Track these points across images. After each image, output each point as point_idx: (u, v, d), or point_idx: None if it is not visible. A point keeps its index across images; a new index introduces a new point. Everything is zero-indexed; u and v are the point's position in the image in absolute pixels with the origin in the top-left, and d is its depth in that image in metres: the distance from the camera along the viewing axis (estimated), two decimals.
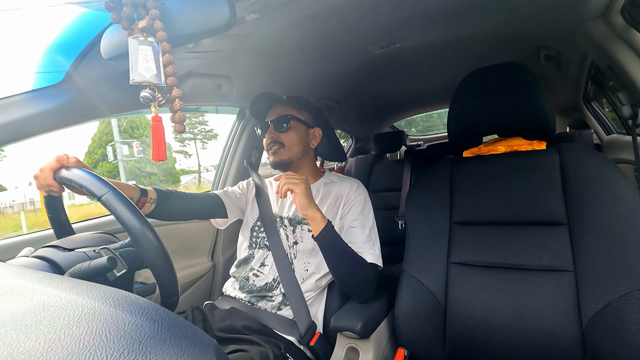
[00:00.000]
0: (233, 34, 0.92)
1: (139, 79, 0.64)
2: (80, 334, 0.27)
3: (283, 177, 0.92)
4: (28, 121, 0.85)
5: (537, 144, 1.01)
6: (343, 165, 2.71)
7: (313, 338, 0.96)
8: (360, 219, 1.03)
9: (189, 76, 1.13)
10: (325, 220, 0.91)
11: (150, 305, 0.31)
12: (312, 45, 1.18)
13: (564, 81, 1.77)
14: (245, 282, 1.06)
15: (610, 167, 0.84)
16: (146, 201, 0.91)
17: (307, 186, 0.91)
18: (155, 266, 0.60)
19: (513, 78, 0.98)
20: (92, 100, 0.94)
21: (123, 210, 0.59)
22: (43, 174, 0.70)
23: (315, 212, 0.90)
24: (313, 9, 0.92)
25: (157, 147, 0.69)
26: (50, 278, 0.38)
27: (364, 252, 0.97)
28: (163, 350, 0.26)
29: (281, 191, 0.90)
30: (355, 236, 1.00)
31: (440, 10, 1.06)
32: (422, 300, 0.96)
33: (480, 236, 0.95)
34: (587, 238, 0.82)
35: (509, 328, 0.85)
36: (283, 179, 0.91)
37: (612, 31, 0.99)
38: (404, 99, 2.38)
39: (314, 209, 0.90)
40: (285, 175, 0.92)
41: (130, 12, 0.63)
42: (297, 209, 0.93)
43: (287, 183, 0.89)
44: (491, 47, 1.44)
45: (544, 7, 1.07)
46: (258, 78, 1.34)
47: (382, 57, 1.40)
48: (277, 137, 1.06)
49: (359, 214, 1.03)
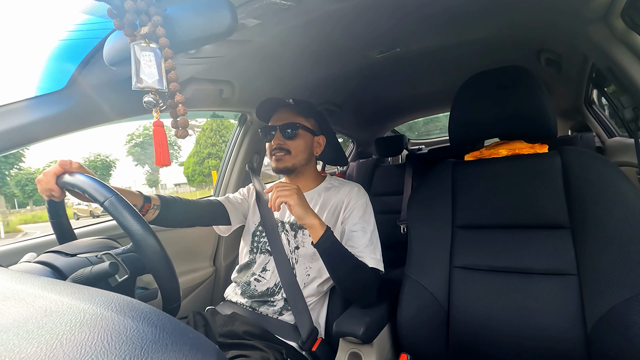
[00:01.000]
0: (234, 39, 0.93)
1: (142, 85, 0.65)
2: (82, 340, 0.27)
3: (275, 189, 0.89)
4: (32, 127, 0.85)
5: (538, 147, 1.01)
6: (344, 170, 2.71)
7: (315, 343, 0.96)
8: (362, 223, 1.02)
9: (190, 82, 1.13)
10: (324, 226, 0.89)
11: (152, 311, 0.31)
12: (313, 50, 1.19)
13: (565, 84, 1.77)
14: (247, 287, 1.06)
15: (612, 170, 0.84)
16: (150, 208, 0.91)
17: (299, 195, 0.89)
18: (157, 272, 0.60)
19: (514, 81, 0.98)
20: (96, 106, 0.95)
21: (125, 216, 0.59)
22: (46, 178, 0.71)
23: (313, 219, 0.89)
24: (314, 14, 0.92)
25: (160, 152, 0.70)
26: (52, 283, 0.38)
27: (365, 256, 0.96)
28: (165, 355, 0.26)
29: (274, 205, 0.87)
30: (356, 240, 0.99)
31: (440, 15, 1.07)
32: (424, 304, 0.96)
33: (483, 240, 0.95)
34: (590, 241, 0.81)
35: (513, 332, 0.84)
36: (275, 192, 0.88)
37: (613, 34, 0.99)
38: (405, 103, 2.39)
39: (312, 217, 0.89)
40: (277, 187, 0.89)
41: (133, 19, 0.64)
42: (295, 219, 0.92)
43: (279, 196, 0.87)
44: (492, 51, 1.44)
45: (544, 10, 1.07)
46: (259, 83, 1.35)
47: (383, 61, 1.40)
48: (283, 144, 1.06)
49: (359, 218, 1.03)
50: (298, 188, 0.91)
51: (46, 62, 0.86)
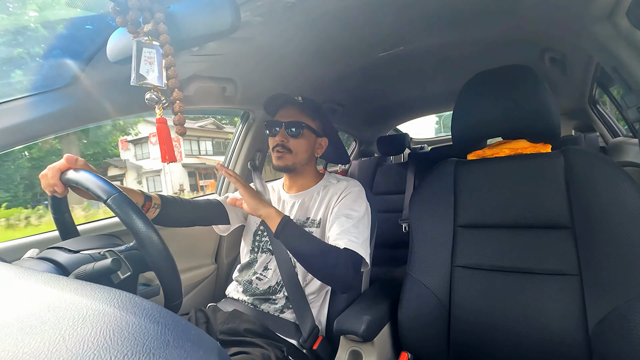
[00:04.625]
0: (237, 37, 0.92)
1: (140, 81, 0.65)
2: (85, 336, 0.27)
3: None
4: (35, 124, 0.86)
5: (541, 146, 1.00)
6: (347, 168, 2.71)
7: (316, 342, 0.96)
8: (348, 210, 1.00)
9: (193, 79, 1.13)
10: (281, 214, 0.91)
11: (154, 307, 0.31)
12: (316, 48, 1.19)
13: (569, 84, 1.76)
14: (249, 285, 1.06)
15: (616, 170, 0.83)
16: (150, 206, 0.91)
17: (247, 188, 0.95)
18: (160, 269, 0.60)
19: (517, 80, 0.97)
20: (99, 103, 0.95)
21: (128, 213, 0.59)
22: (50, 173, 0.71)
23: (268, 207, 0.92)
24: (317, 12, 0.92)
25: (164, 148, 0.70)
26: (55, 279, 0.39)
27: (340, 239, 0.93)
28: (167, 352, 0.26)
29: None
30: (336, 226, 0.96)
31: (444, 14, 1.06)
32: (426, 303, 0.96)
33: (485, 239, 0.95)
34: (592, 242, 0.81)
35: (514, 332, 0.84)
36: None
37: (618, 33, 0.98)
38: (407, 101, 2.38)
39: (266, 206, 0.92)
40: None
41: (136, 16, 0.64)
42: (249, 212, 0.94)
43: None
44: (495, 50, 1.43)
45: (548, 9, 1.07)
46: (262, 81, 1.35)
47: (386, 60, 1.40)
48: (286, 142, 1.05)
49: (347, 206, 1.01)
50: (246, 184, 0.96)
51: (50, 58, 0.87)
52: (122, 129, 11.24)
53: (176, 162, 0.71)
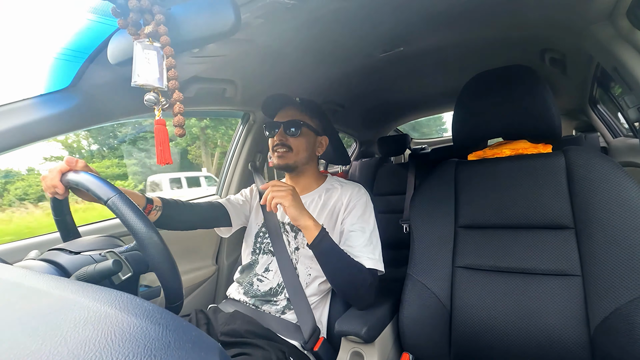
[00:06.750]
0: (238, 38, 0.93)
1: (141, 82, 0.65)
2: (86, 337, 0.27)
3: (270, 188, 0.89)
4: (36, 125, 0.86)
5: (542, 147, 1.00)
6: (347, 169, 2.71)
7: (317, 343, 0.96)
8: (360, 222, 1.01)
9: (193, 81, 1.13)
10: (319, 227, 0.89)
11: (155, 309, 0.31)
12: (316, 49, 1.19)
13: (570, 84, 1.76)
14: (250, 287, 1.06)
15: (617, 170, 0.83)
16: (152, 209, 0.91)
17: (294, 196, 0.89)
18: (161, 270, 0.60)
19: (518, 81, 0.97)
20: (99, 105, 0.95)
21: (129, 214, 0.59)
22: (51, 175, 0.71)
23: (307, 220, 0.89)
24: (317, 12, 0.92)
25: (161, 150, 0.70)
26: (56, 281, 0.39)
27: (362, 256, 0.95)
28: (168, 353, 0.26)
29: (269, 204, 0.87)
30: (354, 240, 0.98)
31: (444, 14, 1.06)
32: (427, 304, 0.96)
33: (486, 240, 0.95)
34: (594, 242, 0.81)
35: (515, 333, 0.84)
36: (270, 192, 0.88)
37: (618, 33, 0.98)
38: (408, 102, 2.38)
39: (306, 217, 0.89)
40: (272, 186, 0.89)
41: (137, 18, 0.64)
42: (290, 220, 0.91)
43: (274, 197, 0.87)
44: (496, 50, 1.43)
45: (549, 9, 1.07)
46: (262, 82, 1.35)
47: (386, 60, 1.40)
48: (286, 140, 1.05)
49: (358, 217, 1.02)
50: (293, 189, 0.90)
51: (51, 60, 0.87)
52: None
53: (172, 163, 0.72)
